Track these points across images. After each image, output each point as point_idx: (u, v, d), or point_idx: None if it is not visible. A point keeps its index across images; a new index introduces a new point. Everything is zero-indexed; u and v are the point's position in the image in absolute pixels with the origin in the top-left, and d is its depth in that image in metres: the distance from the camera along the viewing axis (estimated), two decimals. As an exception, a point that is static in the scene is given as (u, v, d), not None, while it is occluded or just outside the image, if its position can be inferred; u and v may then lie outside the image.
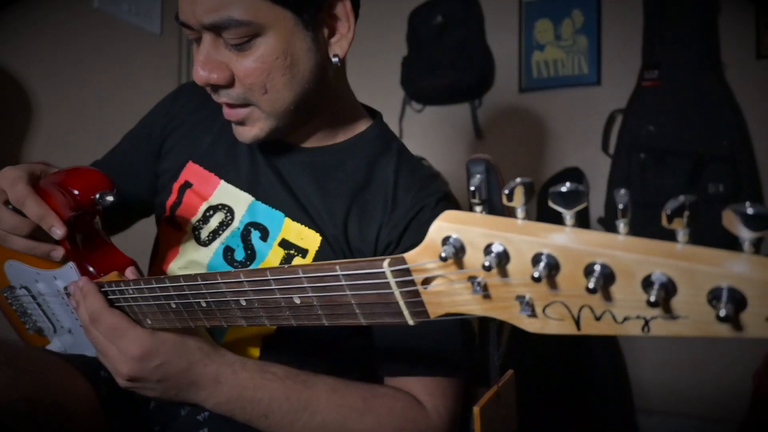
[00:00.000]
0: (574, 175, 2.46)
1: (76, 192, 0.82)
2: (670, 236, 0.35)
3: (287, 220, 0.93)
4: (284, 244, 0.92)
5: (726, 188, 2.15)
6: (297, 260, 0.91)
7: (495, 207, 1.23)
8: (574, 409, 2.22)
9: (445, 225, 0.43)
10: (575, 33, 2.51)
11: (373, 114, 1.05)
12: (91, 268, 0.87)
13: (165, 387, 0.76)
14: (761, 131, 2.22)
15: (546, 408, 2.18)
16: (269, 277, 0.58)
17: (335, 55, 0.88)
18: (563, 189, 0.37)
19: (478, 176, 0.42)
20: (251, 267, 0.93)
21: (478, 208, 0.42)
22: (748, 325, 0.32)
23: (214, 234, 0.96)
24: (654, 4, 2.31)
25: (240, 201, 0.96)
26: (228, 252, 0.95)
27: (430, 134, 2.74)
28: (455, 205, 0.95)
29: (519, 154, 2.60)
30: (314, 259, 0.91)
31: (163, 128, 1.07)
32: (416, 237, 0.89)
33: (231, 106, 0.87)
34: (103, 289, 0.79)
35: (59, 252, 0.85)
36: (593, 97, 2.48)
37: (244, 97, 0.85)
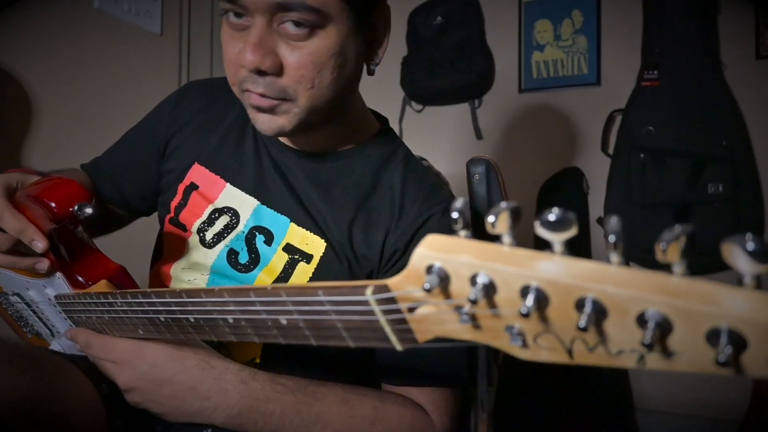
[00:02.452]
0: (574, 174, 2.46)
1: (53, 205, 0.81)
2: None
3: (292, 225, 0.93)
4: (288, 248, 0.92)
5: (726, 188, 2.15)
6: (301, 266, 0.91)
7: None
8: (573, 409, 2.22)
9: (427, 253, 0.41)
10: (575, 33, 2.51)
11: (379, 119, 1.05)
12: (79, 278, 0.86)
13: (163, 395, 0.75)
14: (761, 131, 2.22)
15: (546, 407, 2.18)
16: (253, 298, 0.57)
17: (373, 62, 0.88)
18: (551, 217, 0.35)
19: (462, 200, 0.39)
20: (255, 270, 0.93)
21: (463, 233, 0.40)
22: (748, 367, 0.31)
23: (219, 236, 0.96)
24: (654, 4, 2.31)
25: (245, 205, 0.96)
26: (232, 255, 0.95)
27: (430, 134, 2.74)
28: None
29: (519, 154, 2.60)
30: (319, 265, 0.90)
31: (167, 127, 1.06)
32: None
33: (264, 95, 0.83)
34: (92, 300, 0.79)
35: (44, 264, 0.84)
36: (593, 97, 2.47)
37: (284, 91, 0.82)
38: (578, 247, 2.35)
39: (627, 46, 2.40)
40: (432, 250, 0.41)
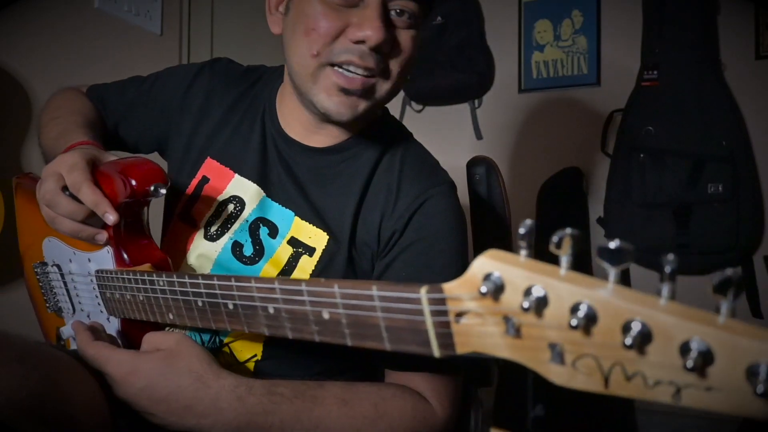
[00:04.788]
0: (574, 174, 2.46)
1: (133, 182, 0.84)
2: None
3: (297, 218, 0.93)
4: (293, 242, 0.93)
5: (725, 188, 2.15)
6: (304, 258, 0.92)
7: (496, 207, 1.21)
8: (573, 409, 2.22)
9: (488, 262, 0.43)
10: (575, 33, 2.51)
11: None
12: (126, 257, 0.88)
13: (160, 410, 0.75)
14: (761, 131, 2.23)
15: (545, 407, 2.18)
16: (303, 288, 0.58)
17: None
18: (612, 246, 0.37)
19: (529, 222, 0.41)
20: (260, 262, 0.94)
21: (524, 252, 0.42)
22: None
23: (223, 228, 0.97)
24: (653, 5, 2.31)
25: (251, 193, 0.97)
26: (236, 247, 0.95)
27: (430, 134, 2.74)
28: (456, 195, 0.97)
29: (519, 154, 2.60)
30: (321, 257, 0.91)
31: (177, 111, 1.06)
32: (421, 229, 0.90)
33: (370, 71, 0.85)
34: (134, 277, 0.81)
35: (103, 236, 0.86)
36: (593, 97, 2.48)
37: (386, 69, 0.87)
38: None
39: (627, 46, 2.41)
40: (492, 260, 0.43)
